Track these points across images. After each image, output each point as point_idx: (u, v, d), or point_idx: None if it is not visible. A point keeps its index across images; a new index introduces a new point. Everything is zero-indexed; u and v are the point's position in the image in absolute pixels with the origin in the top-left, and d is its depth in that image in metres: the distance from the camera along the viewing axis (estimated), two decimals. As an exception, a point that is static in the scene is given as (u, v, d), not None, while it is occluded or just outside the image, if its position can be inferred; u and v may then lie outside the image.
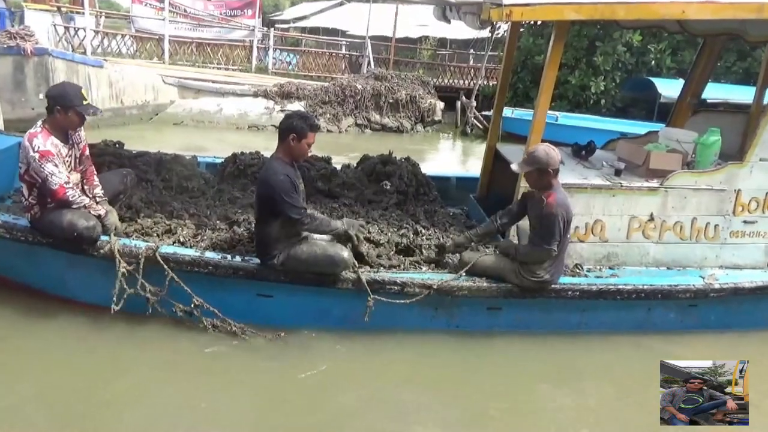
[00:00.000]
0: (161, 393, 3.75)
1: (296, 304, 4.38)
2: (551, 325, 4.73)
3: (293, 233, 4.16)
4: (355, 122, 15.05)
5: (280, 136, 4.07)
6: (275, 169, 3.98)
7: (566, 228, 4.17)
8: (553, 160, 4.13)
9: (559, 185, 4.25)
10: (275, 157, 4.09)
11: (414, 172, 6.00)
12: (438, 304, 4.46)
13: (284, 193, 3.93)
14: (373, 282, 4.24)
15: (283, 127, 4.04)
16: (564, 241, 4.23)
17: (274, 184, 3.93)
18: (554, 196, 4.14)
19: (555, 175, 4.18)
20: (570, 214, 4.15)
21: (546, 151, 4.15)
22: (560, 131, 12.70)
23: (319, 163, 6.14)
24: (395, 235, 4.92)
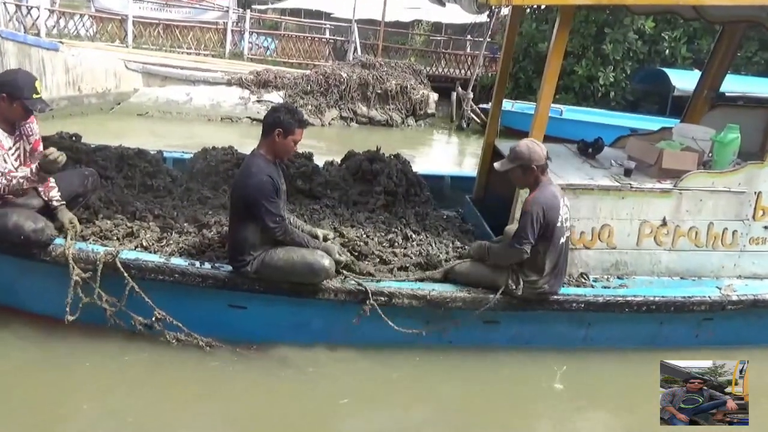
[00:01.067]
0: (115, 412, 3.72)
1: (272, 316, 4.36)
2: (554, 340, 4.74)
3: (270, 239, 4.16)
4: (340, 115, 15.04)
5: (264, 131, 4.06)
6: (257, 168, 3.97)
7: (549, 231, 4.17)
8: (536, 155, 4.17)
9: (549, 183, 4.28)
10: (257, 154, 4.07)
11: (404, 171, 5.99)
12: (429, 316, 4.46)
13: (264, 196, 3.92)
14: (357, 292, 4.23)
15: (269, 121, 4.03)
16: (555, 247, 4.23)
17: (254, 186, 3.92)
18: (534, 193, 4.21)
19: (541, 171, 4.23)
20: (552, 214, 4.15)
21: (528, 146, 4.21)
22: (565, 126, 12.77)
23: (300, 160, 6.11)
24: (383, 239, 4.92)
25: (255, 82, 14.52)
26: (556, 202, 4.20)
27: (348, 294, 4.24)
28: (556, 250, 4.26)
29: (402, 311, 4.34)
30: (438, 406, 4.16)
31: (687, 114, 6.52)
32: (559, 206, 4.20)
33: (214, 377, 4.11)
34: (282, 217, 4.04)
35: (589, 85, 16.53)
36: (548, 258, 4.25)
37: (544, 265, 4.27)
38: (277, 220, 3.99)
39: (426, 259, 4.70)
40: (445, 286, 4.42)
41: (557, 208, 4.18)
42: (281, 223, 4.03)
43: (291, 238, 4.11)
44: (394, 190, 5.76)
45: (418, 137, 15.07)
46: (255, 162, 4.01)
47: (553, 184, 4.31)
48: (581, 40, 16.27)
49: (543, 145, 4.29)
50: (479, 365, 4.54)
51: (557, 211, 4.17)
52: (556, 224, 4.17)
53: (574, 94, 16.54)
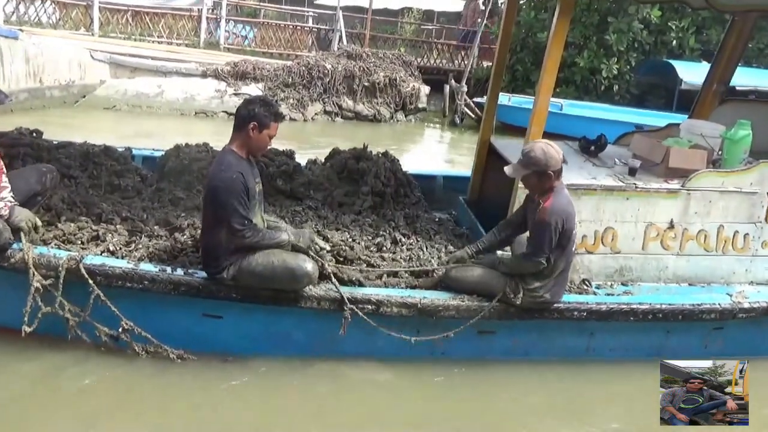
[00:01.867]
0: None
1: (250, 327, 4.35)
2: (554, 351, 4.76)
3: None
4: (324, 109, 15.04)
5: (237, 125, 4.05)
6: (227, 165, 3.95)
7: (565, 239, 4.18)
8: (553, 160, 4.15)
9: (563, 187, 4.29)
10: (228, 150, 4.06)
11: (393, 170, 6.00)
12: (420, 326, 4.46)
13: (231, 194, 3.89)
14: (341, 299, 4.22)
15: (243, 114, 4.02)
16: (566, 254, 4.25)
17: (221, 182, 3.90)
18: (551, 201, 4.17)
19: (557, 176, 4.22)
20: (570, 223, 4.17)
21: (544, 150, 4.17)
22: (565, 122, 12.83)
23: (280, 158, 6.10)
24: (371, 244, 4.92)
25: (232, 74, 14.49)
26: (572, 209, 4.21)
27: (332, 302, 4.23)
28: (566, 257, 4.28)
29: (391, 320, 4.34)
30: (428, 424, 4.15)
31: (695, 109, 6.58)
32: (574, 213, 4.22)
33: (186, 391, 4.08)
34: (249, 219, 4.00)
35: (591, 77, 16.63)
36: (556, 265, 4.27)
37: (551, 273, 4.28)
38: (245, 223, 3.96)
39: (417, 264, 4.70)
40: (437, 293, 4.43)
41: (574, 216, 4.21)
42: (249, 225, 3.99)
43: (262, 241, 4.06)
44: (382, 191, 5.76)
45: (408, 133, 15.09)
46: (225, 159, 4.00)
47: (564, 188, 4.30)
48: (583, 29, 16.37)
49: (558, 147, 4.25)
50: (474, 378, 4.54)
51: (573, 219, 4.20)
52: (573, 231, 4.20)
53: (575, 87, 16.64)
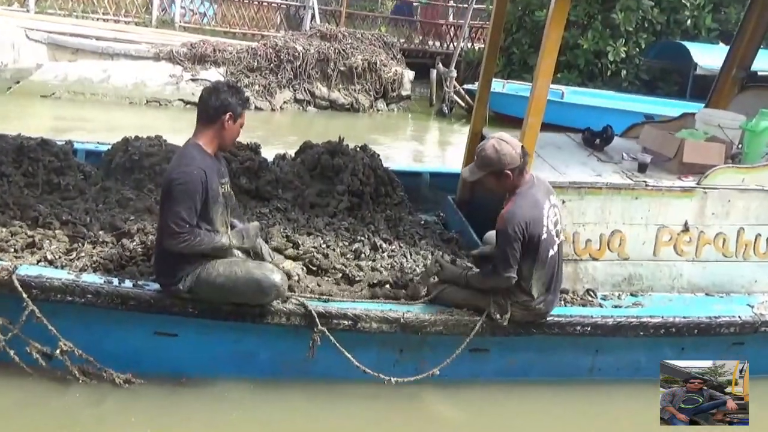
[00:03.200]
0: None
1: (209, 346, 4.32)
2: (554, 371, 4.77)
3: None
4: (294, 97, 15.00)
5: (207, 117, 4.01)
6: (190, 159, 3.91)
7: (532, 246, 4.15)
8: (507, 157, 4.11)
9: (531, 186, 4.22)
10: (193, 144, 4.02)
11: (372, 166, 6.00)
12: (404, 344, 4.45)
13: (185, 192, 3.85)
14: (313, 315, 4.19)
15: (214, 105, 3.98)
16: (540, 261, 4.21)
17: (178, 176, 3.86)
18: (509, 207, 4.16)
19: (520, 173, 4.18)
20: (535, 228, 4.11)
21: (496, 148, 4.12)
22: (567, 112, 12.90)
23: (244, 153, 6.08)
24: (347, 250, 4.91)
25: (189, 57, 14.39)
26: (537, 211, 4.15)
27: (304, 318, 4.21)
28: (544, 265, 4.24)
29: (370, 339, 4.33)
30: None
31: (712, 97, 6.63)
32: (541, 216, 4.16)
33: (132, 424, 4.05)
34: (189, 224, 3.91)
35: (595, 61, 16.74)
36: (536, 276, 4.25)
37: (532, 287, 4.27)
38: (184, 226, 3.88)
39: (399, 274, 4.70)
40: (422, 307, 4.43)
41: (539, 219, 4.14)
42: (187, 230, 3.90)
43: (194, 243, 3.94)
44: (360, 190, 5.76)
45: (389, 125, 15.09)
46: (188, 153, 3.97)
47: (534, 186, 4.24)
48: (587, 7, 16.48)
49: (514, 140, 4.21)
50: (465, 402, 4.55)
51: (540, 222, 4.14)
52: (541, 236, 4.14)
53: (579, 72, 16.73)
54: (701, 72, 14.29)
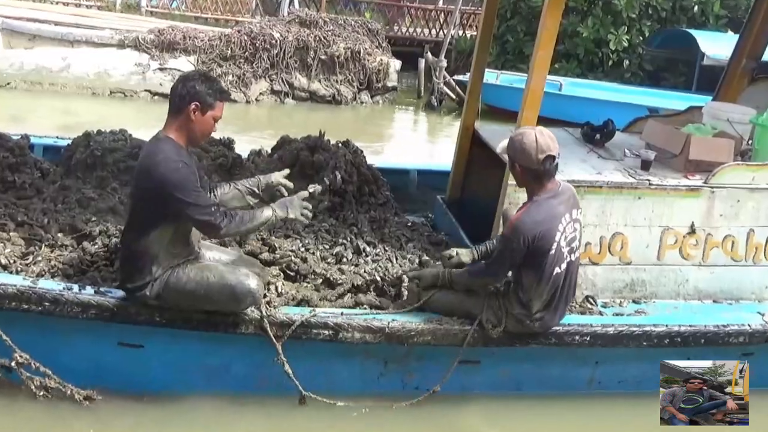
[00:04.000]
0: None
1: (178, 359, 4.31)
2: (551, 384, 4.78)
3: (182, 251, 4.11)
4: (271, 88, 14.98)
5: (174, 107, 3.98)
6: (165, 154, 3.88)
7: (538, 257, 4.14)
8: (523, 153, 4.09)
9: (555, 195, 4.20)
10: (163, 138, 3.99)
11: (356, 163, 5.99)
12: (389, 355, 4.45)
13: (183, 189, 3.82)
14: (291, 324, 4.20)
15: (181, 93, 3.95)
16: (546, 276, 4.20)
17: (164, 177, 3.82)
18: (522, 213, 4.18)
19: (536, 178, 4.16)
20: (545, 241, 4.10)
21: (522, 137, 4.13)
22: (566, 105, 12.96)
23: (216, 149, 6.07)
24: (328, 254, 4.90)
25: (156, 44, 14.33)
26: (551, 225, 4.13)
27: (282, 327, 4.20)
28: (547, 282, 4.23)
29: (353, 350, 4.33)
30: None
31: (721, 89, 6.67)
32: (554, 231, 4.14)
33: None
34: (215, 205, 3.97)
35: (596, 51, 16.82)
36: (536, 291, 4.25)
37: (531, 301, 4.28)
38: (213, 212, 3.90)
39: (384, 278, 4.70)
40: (409, 315, 4.43)
41: (551, 234, 4.13)
42: (218, 213, 3.91)
43: (236, 225, 3.98)
44: (342, 189, 5.75)
45: (374, 118, 15.09)
46: (160, 147, 3.94)
47: (558, 195, 4.21)
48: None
49: (549, 143, 4.13)
50: (455, 417, 4.56)
51: (551, 238, 4.13)
52: (549, 251, 4.14)
53: (578, 62, 16.81)
54: (709, 62, 14.37)
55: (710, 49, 14.46)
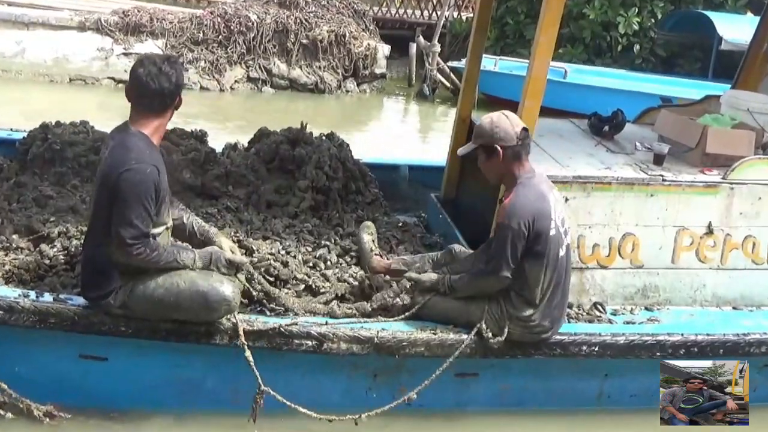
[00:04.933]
0: None
1: (146, 372, 4.30)
2: (556, 399, 4.80)
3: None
4: (247, 75, 14.95)
5: (160, 104, 3.98)
6: (139, 154, 3.88)
7: (540, 244, 4.19)
8: (501, 131, 4.20)
9: (533, 177, 4.30)
10: (138, 134, 3.97)
11: (341, 158, 5.99)
12: (379, 368, 4.46)
13: (138, 195, 3.83)
14: (273, 334, 4.20)
15: (165, 88, 3.95)
16: (549, 264, 4.25)
17: (131, 176, 3.83)
18: (512, 197, 4.24)
19: (515, 158, 4.25)
20: (542, 223, 4.18)
21: (493, 120, 4.27)
22: (571, 94, 12.98)
23: (187, 142, 6.05)
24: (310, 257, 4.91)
25: (121, 27, 14.30)
26: (544, 204, 4.23)
27: (260, 337, 4.20)
28: (554, 270, 4.29)
29: (340, 363, 4.33)
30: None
31: (740, 76, 6.69)
32: (549, 209, 4.23)
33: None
34: (146, 234, 3.94)
35: (604, 34, 16.84)
36: (543, 279, 4.28)
37: (536, 292, 4.29)
38: (138, 236, 3.89)
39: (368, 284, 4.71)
40: (400, 323, 4.44)
41: (547, 212, 4.21)
42: (143, 241, 3.91)
43: (152, 257, 3.97)
44: (326, 186, 5.75)
45: (361, 108, 15.10)
46: (135, 145, 3.93)
47: (536, 176, 4.33)
48: (593, -30, 16.59)
49: (517, 119, 4.31)
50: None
51: (547, 216, 4.21)
52: (549, 233, 4.21)
53: (584, 47, 16.83)
54: (727, 47, 14.43)
55: (728, 32, 14.50)
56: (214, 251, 4.25)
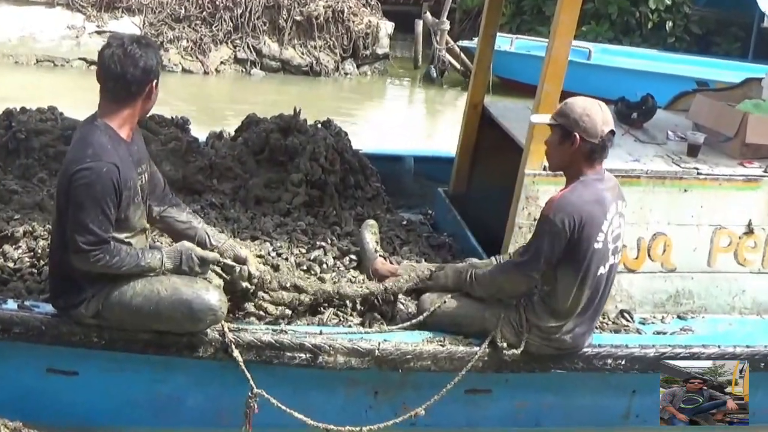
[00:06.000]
0: None
1: (120, 388, 4.30)
2: (577, 418, 4.79)
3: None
4: (234, 56, 14.96)
5: (125, 91, 3.92)
6: (98, 149, 3.83)
7: (576, 250, 4.15)
8: (588, 121, 4.12)
9: (596, 180, 4.24)
10: (102, 125, 3.94)
11: (339, 148, 6.00)
12: (380, 384, 4.46)
13: (88, 195, 3.81)
14: (262, 346, 4.20)
15: (137, 74, 3.88)
16: (586, 276, 4.21)
17: (79, 176, 3.82)
18: (567, 190, 4.20)
19: (589, 156, 4.19)
20: (591, 229, 4.12)
21: (586, 105, 4.17)
22: (596, 76, 12.97)
23: (168, 131, 6.05)
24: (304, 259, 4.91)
25: (93, 2, 14.32)
26: (599, 210, 4.18)
27: (248, 349, 4.19)
28: (590, 286, 4.25)
29: (335, 377, 4.34)
30: None
31: (784, 58, 6.70)
32: (602, 218, 4.18)
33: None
34: (106, 239, 3.89)
35: (632, 10, 16.84)
36: (575, 294, 4.24)
37: (564, 304, 4.27)
38: (94, 241, 3.84)
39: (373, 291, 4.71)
40: (403, 333, 4.43)
41: (599, 221, 4.17)
42: (101, 247, 3.87)
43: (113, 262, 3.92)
44: (322, 180, 5.76)
45: (361, 93, 15.10)
46: (96, 139, 3.89)
47: (605, 180, 4.28)
48: (620, -62, 16.59)
49: (610, 118, 4.20)
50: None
51: (598, 226, 4.17)
52: (591, 245, 4.16)
53: (610, 24, 16.82)
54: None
55: (772, 7, 14.52)
56: (183, 248, 4.20)
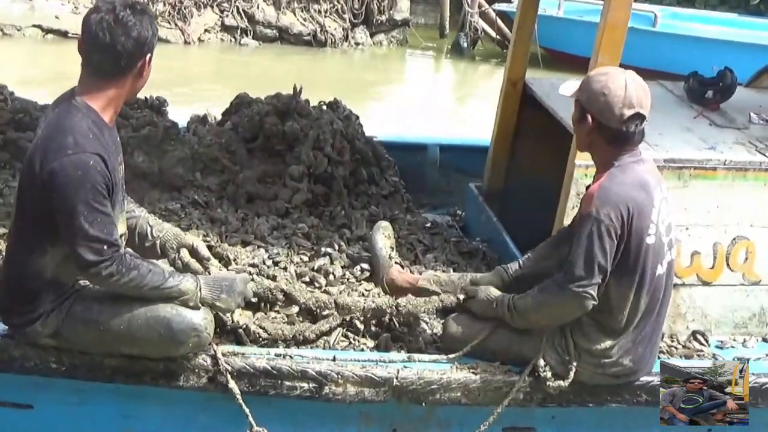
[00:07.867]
0: None
1: (83, 425, 4.34)
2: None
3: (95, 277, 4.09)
4: (222, 22, 15.02)
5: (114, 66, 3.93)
6: (81, 136, 3.81)
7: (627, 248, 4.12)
8: (602, 100, 4.09)
9: (639, 163, 4.23)
10: (84, 106, 3.94)
11: (348, 135, 6.02)
12: (399, 421, 4.48)
13: (83, 193, 3.83)
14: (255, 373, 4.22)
15: (128, 41, 3.88)
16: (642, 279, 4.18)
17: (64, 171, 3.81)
18: (604, 179, 4.15)
19: (613, 141, 4.17)
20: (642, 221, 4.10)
21: (607, 83, 4.11)
22: (662, 47, 12.98)
23: (140, 114, 6.09)
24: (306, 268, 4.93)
25: (51, -40, 14.42)
26: (645, 197, 4.16)
27: (240, 377, 4.21)
28: (647, 288, 4.23)
29: (345, 411, 4.36)
30: None
31: None
32: (650, 205, 4.17)
33: None
34: (114, 243, 3.93)
35: (706, -33, 16.84)
36: (631, 302, 4.23)
37: (619, 318, 4.25)
38: (103, 249, 3.88)
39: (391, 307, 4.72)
40: (428, 357, 4.43)
41: (647, 209, 4.15)
42: (112, 255, 3.88)
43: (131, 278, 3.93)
44: (328, 173, 5.78)
45: (375, 67, 15.12)
46: (76, 123, 3.89)
47: (644, 162, 4.27)
48: None
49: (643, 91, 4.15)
50: None
51: (647, 216, 4.14)
52: (644, 239, 4.14)
53: (680, -17, 16.84)
54: None
55: None
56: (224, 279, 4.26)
